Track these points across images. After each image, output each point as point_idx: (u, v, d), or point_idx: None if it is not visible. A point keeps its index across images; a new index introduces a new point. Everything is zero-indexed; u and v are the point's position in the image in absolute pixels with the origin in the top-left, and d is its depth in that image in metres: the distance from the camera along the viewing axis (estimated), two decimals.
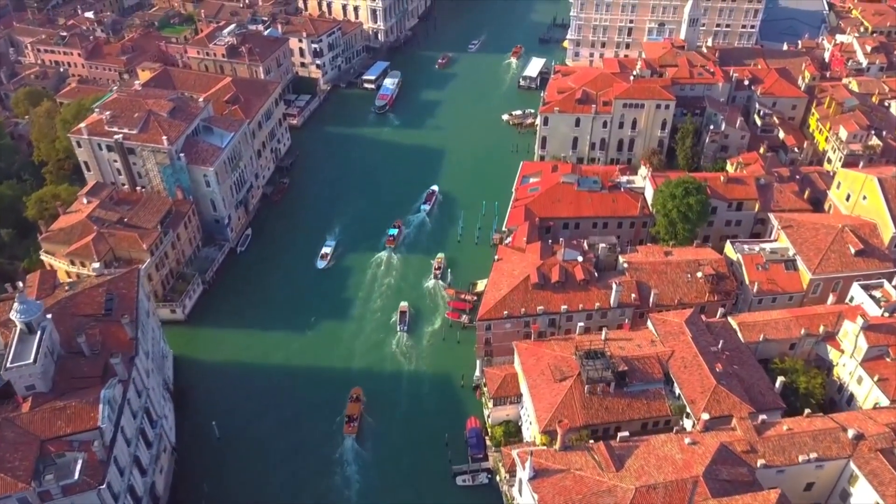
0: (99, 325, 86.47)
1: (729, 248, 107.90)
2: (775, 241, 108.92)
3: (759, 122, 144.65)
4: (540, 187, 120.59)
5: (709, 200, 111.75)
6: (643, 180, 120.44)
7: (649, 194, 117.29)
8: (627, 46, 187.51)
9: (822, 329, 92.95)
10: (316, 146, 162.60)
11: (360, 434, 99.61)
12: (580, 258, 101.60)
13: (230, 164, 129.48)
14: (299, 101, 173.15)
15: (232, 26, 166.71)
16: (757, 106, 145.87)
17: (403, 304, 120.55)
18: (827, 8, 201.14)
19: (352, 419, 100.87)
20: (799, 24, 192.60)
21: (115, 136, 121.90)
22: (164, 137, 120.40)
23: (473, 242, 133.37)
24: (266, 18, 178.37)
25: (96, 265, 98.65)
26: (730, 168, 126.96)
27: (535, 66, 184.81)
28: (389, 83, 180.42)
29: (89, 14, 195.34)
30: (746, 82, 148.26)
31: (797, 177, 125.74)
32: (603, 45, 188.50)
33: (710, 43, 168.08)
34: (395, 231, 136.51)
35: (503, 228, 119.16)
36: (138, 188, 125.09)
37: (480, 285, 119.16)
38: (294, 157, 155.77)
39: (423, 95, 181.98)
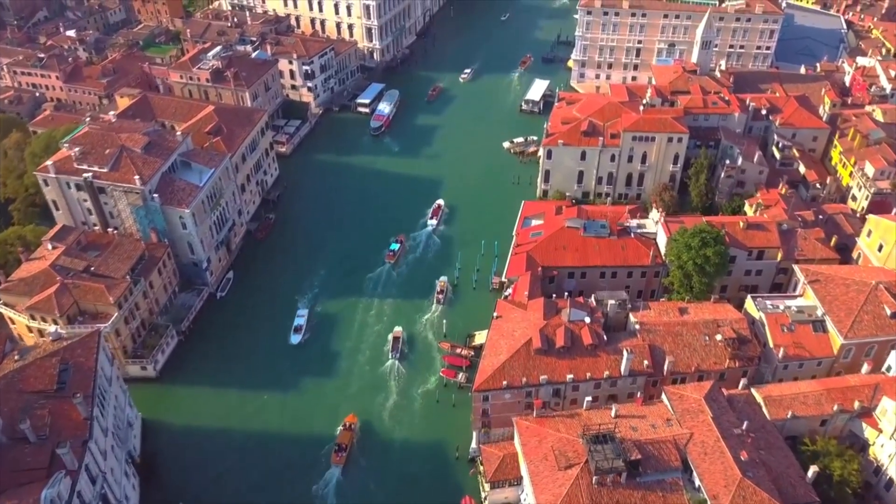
0: (49, 403, 77.31)
1: (750, 305, 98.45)
2: (800, 296, 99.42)
3: (777, 154, 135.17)
4: (543, 231, 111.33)
5: (727, 251, 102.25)
6: (655, 225, 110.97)
7: (662, 240, 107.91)
8: (636, 68, 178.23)
9: (857, 405, 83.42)
10: (306, 176, 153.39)
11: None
12: (587, 319, 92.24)
13: (210, 202, 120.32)
14: (289, 126, 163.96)
15: (217, 48, 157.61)
16: (775, 137, 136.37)
17: (397, 330, 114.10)
18: (845, 27, 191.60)
19: (341, 448, 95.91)
20: (816, 44, 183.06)
21: (85, 175, 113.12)
22: (137, 176, 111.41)
23: (471, 287, 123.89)
24: (255, 39, 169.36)
25: (52, 328, 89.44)
26: (749, 210, 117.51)
27: (537, 88, 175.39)
28: (385, 106, 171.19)
29: (71, 33, 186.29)
30: (764, 112, 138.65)
31: (820, 216, 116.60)
32: (610, 66, 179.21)
33: (723, 65, 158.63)
34: (396, 246, 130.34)
35: (503, 279, 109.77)
36: (110, 229, 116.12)
37: (479, 337, 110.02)
38: (281, 190, 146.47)
39: (420, 117, 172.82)
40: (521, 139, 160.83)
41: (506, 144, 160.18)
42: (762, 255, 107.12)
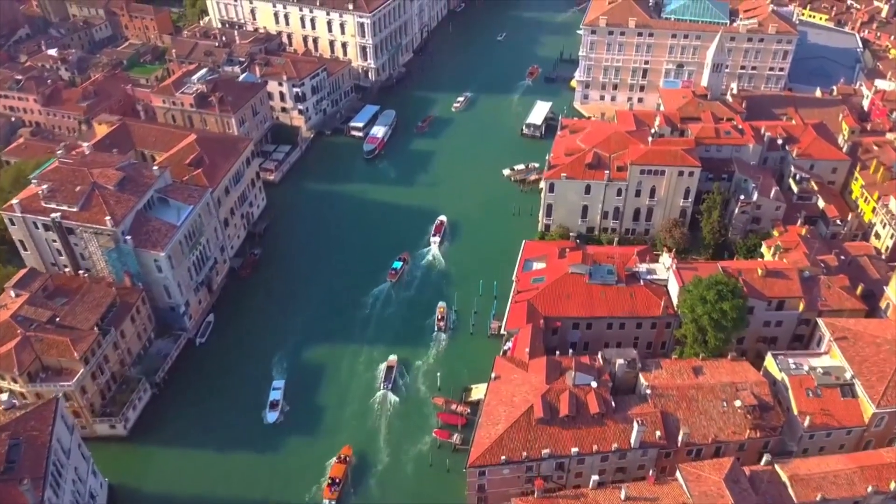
0: None
1: (771, 364, 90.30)
2: (826, 353, 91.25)
3: (795, 188, 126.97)
4: (545, 277, 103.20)
5: (746, 304, 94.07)
6: (666, 271, 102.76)
7: (674, 288, 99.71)
8: (642, 89, 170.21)
9: (893, 486, 75.20)
10: (295, 205, 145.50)
11: None
12: (594, 383, 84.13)
13: (188, 242, 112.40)
14: (278, 152, 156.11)
15: (202, 71, 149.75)
16: (792, 169, 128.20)
17: (392, 358, 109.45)
18: (861, 46, 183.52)
19: (335, 482, 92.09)
20: (831, 63, 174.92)
21: (53, 215, 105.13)
22: (109, 217, 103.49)
23: (468, 332, 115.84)
24: (243, 59, 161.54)
25: (3, 397, 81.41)
26: (766, 254, 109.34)
27: (539, 111, 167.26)
28: (379, 129, 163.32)
29: (52, 51, 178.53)
30: (780, 141, 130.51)
31: (842, 257, 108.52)
32: (615, 87, 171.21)
33: (735, 88, 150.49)
34: (399, 264, 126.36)
35: (503, 331, 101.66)
36: (81, 272, 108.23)
37: (476, 391, 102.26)
38: (268, 222, 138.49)
39: (417, 141, 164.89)
40: (521, 166, 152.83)
41: (506, 172, 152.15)
42: (782, 306, 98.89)
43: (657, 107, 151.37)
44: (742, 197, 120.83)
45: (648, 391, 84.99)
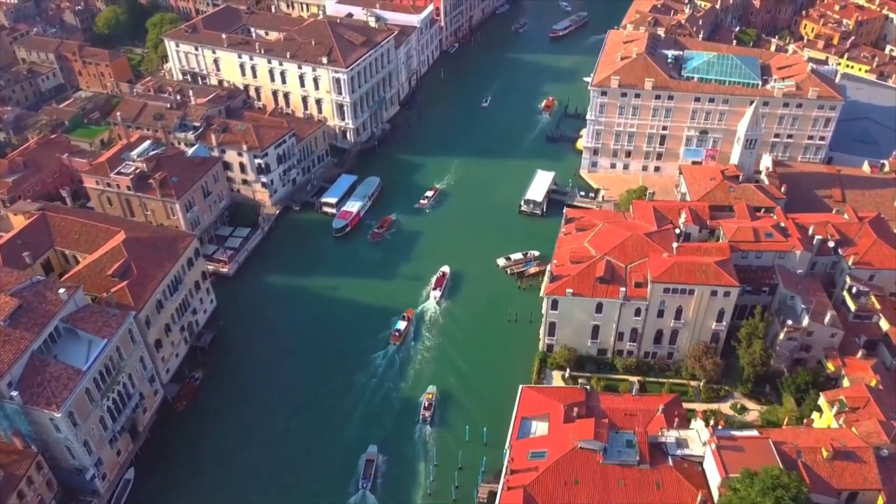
0: None
1: None
2: None
3: (851, 303, 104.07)
4: (547, 452, 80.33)
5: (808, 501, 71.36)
6: (702, 445, 79.83)
7: (713, 476, 76.59)
8: (659, 157, 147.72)
9: None
10: (251, 305, 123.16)
11: None
12: None
13: (101, 386, 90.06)
14: (235, 236, 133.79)
15: (145, 144, 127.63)
16: (847, 280, 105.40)
17: (371, 452, 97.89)
18: None
19: None
20: (877, 126, 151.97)
21: None
22: None
23: (450, 498, 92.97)
24: (198, 124, 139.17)
25: None
26: (826, 412, 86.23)
27: (540, 183, 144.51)
28: (354, 203, 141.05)
29: None
30: (831, 244, 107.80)
31: None
32: (628, 154, 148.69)
33: (768, 161, 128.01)
34: (402, 325, 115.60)
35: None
36: None
37: None
38: (216, 332, 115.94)
39: (401, 214, 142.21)
40: (519, 255, 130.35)
41: (501, 262, 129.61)
42: (855, 497, 76.01)
43: (677, 184, 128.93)
44: (790, 322, 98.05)
45: None
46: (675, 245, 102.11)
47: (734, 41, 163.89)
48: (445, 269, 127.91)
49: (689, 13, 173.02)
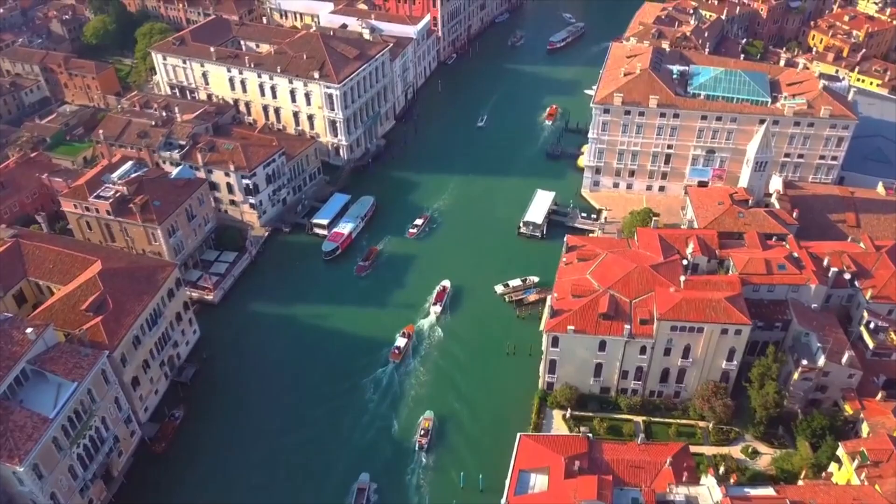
0: None
1: None
2: None
3: (869, 339, 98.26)
4: None
5: None
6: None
7: None
8: (664, 176, 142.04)
9: None
10: (237, 335, 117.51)
11: None
12: None
13: (70, 432, 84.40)
14: (221, 261, 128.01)
15: (126, 166, 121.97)
16: (865, 315, 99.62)
17: (363, 480, 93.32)
18: None
19: None
20: (890, 144, 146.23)
21: None
22: None
23: None
24: (184, 142, 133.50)
25: None
26: (846, 463, 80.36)
27: (540, 204, 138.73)
28: (346, 225, 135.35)
29: None
30: (847, 276, 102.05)
31: None
32: (632, 173, 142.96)
33: (779, 182, 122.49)
34: (402, 342, 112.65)
35: None
36: None
37: None
38: (198, 366, 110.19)
39: (392, 240, 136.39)
40: (517, 281, 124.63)
41: (499, 289, 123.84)
42: None
43: (683, 207, 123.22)
44: (804, 361, 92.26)
45: None
46: (682, 278, 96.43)
47: (741, 55, 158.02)
48: (446, 283, 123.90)
49: (694, 25, 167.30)
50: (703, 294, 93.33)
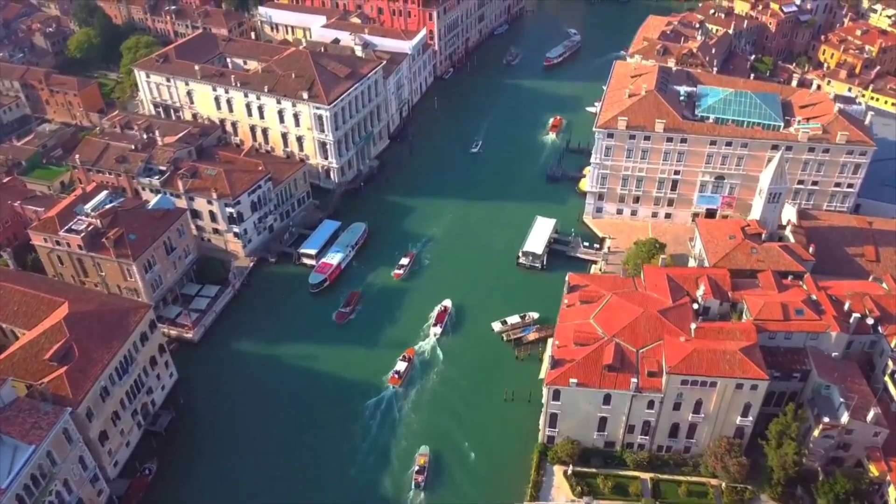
0: None
1: None
2: None
3: (894, 390, 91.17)
4: None
5: None
6: None
7: None
8: (670, 203, 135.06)
9: None
10: (218, 377, 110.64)
11: None
12: None
13: (28, 498, 77.45)
14: (202, 295, 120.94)
15: (101, 196, 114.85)
16: (890, 364, 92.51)
17: None
18: None
19: None
20: None
21: None
22: None
23: None
24: (164, 167, 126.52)
25: None
26: None
27: (540, 232, 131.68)
28: (335, 255, 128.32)
29: None
30: (870, 321, 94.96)
31: None
32: (636, 199, 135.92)
33: (792, 212, 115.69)
34: (403, 365, 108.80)
35: None
36: None
37: None
38: (173, 414, 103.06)
39: (384, 271, 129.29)
40: (516, 318, 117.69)
41: (496, 327, 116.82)
42: None
43: (691, 239, 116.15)
44: (826, 419, 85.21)
45: None
46: (693, 326, 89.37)
47: (750, 74, 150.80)
48: (447, 303, 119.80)
49: (701, 41, 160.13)
50: (716, 345, 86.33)
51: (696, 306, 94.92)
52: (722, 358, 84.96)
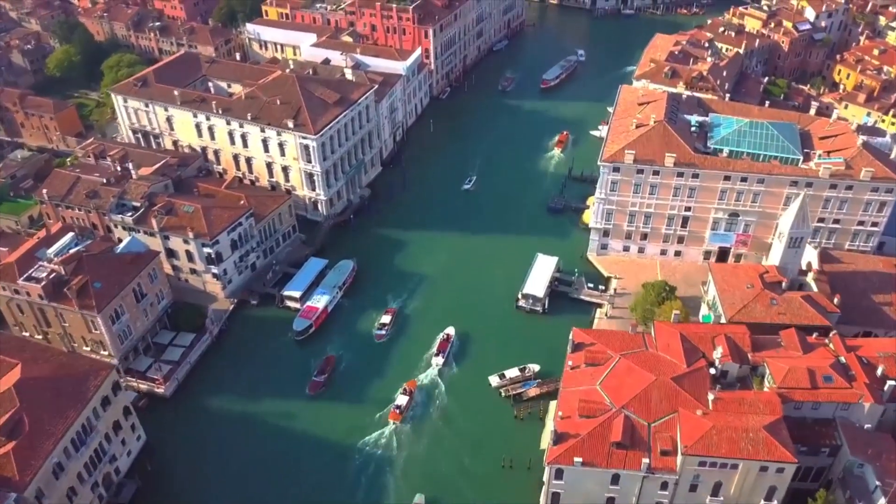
0: None
1: None
2: None
3: None
4: None
5: None
6: None
7: None
8: (681, 241, 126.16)
9: None
10: (191, 437, 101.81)
11: None
12: None
13: None
14: (175, 345, 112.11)
15: (66, 238, 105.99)
16: None
17: None
18: None
19: None
20: None
21: None
22: None
23: None
24: (138, 203, 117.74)
25: None
26: None
27: (541, 271, 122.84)
28: (321, 297, 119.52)
29: None
30: None
31: None
32: (644, 236, 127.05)
33: (813, 256, 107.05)
34: (404, 400, 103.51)
35: None
36: None
37: None
38: (139, 483, 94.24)
39: (372, 317, 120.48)
40: (515, 371, 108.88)
41: (494, 381, 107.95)
42: None
43: (704, 283, 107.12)
44: (860, 503, 76.27)
45: None
46: (710, 396, 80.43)
47: (764, 100, 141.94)
48: (450, 331, 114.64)
49: (711, 62, 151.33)
50: (737, 420, 77.37)
51: (712, 370, 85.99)
52: (744, 437, 76.00)
